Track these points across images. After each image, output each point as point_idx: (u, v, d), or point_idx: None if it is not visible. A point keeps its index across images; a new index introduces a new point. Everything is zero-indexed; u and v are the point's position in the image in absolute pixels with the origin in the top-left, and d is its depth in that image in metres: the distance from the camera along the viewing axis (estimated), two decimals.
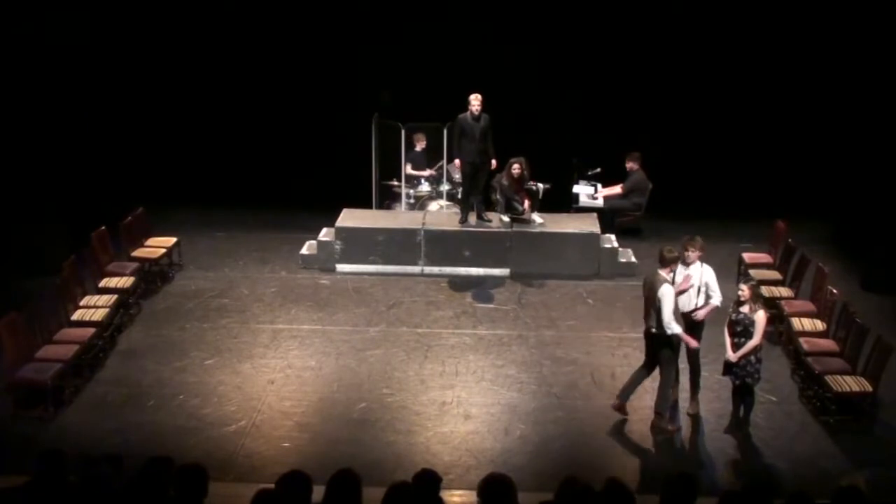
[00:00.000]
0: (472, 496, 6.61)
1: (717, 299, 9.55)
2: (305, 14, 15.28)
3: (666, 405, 9.39)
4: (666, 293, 9.02)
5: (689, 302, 9.54)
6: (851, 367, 9.70)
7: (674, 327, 9.08)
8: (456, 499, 8.11)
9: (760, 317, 9.06)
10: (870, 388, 9.36)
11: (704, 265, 9.63)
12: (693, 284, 9.50)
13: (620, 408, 9.48)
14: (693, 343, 9.40)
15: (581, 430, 9.46)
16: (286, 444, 9.16)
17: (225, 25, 15.29)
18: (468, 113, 12.52)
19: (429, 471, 5.86)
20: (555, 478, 6.39)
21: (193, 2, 15.22)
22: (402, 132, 14.08)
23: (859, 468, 8.75)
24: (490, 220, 13.22)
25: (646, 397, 9.57)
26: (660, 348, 9.25)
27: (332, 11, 15.26)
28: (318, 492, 5.53)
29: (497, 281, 12.99)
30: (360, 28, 15.27)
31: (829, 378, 9.48)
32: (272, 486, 5.56)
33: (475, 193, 13.17)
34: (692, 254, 9.53)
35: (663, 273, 9.19)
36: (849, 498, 5.88)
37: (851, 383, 9.42)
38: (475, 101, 12.45)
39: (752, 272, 12.17)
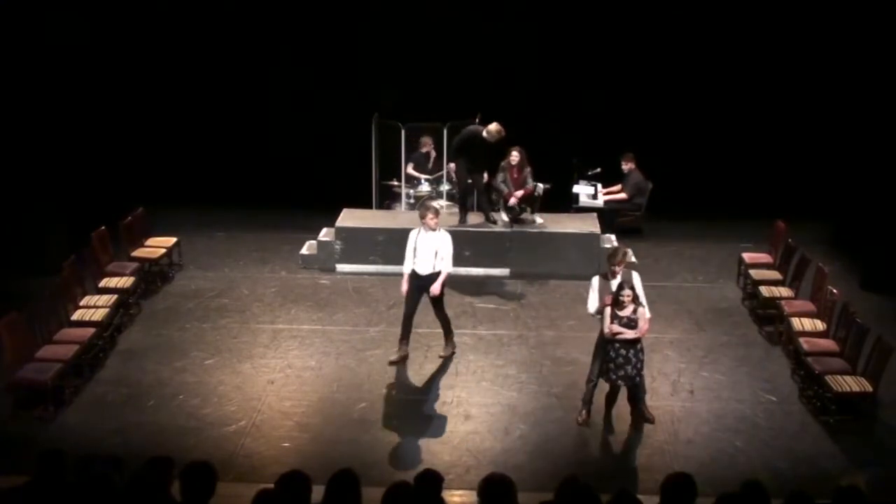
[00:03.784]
0: (472, 496, 6.62)
1: (447, 266, 10.44)
2: (305, 14, 15.27)
3: (585, 395, 9.60)
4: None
5: (426, 265, 10.33)
6: (851, 367, 9.70)
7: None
8: (456, 499, 8.12)
9: (642, 312, 9.12)
10: (870, 388, 9.36)
11: (443, 231, 10.46)
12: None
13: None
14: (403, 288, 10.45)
15: (581, 430, 9.46)
16: (286, 444, 9.16)
17: (225, 25, 15.27)
18: (483, 134, 12.45)
19: (431, 471, 5.86)
20: (555, 478, 6.40)
21: (193, 2, 15.20)
22: (403, 132, 14.08)
23: (859, 468, 8.77)
24: (496, 222, 13.24)
25: (653, 398, 9.57)
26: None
27: (333, 11, 15.24)
28: (318, 492, 5.54)
29: (497, 281, 12.99)
30: (360, 28, 15.26)
31: (829, 378, 9.48)
32: (272, 486, 5.56)
33: (478, 195, 13.20)
34: (430, 219, 10.32)
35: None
36: (849, 498, 5.88)
37: (851, 383, 9.42)
38: (497, 134, 12.37)
39: (751, 272, 12.20)
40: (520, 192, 13.10)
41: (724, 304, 12.39)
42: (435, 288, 10.42)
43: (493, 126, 12.44)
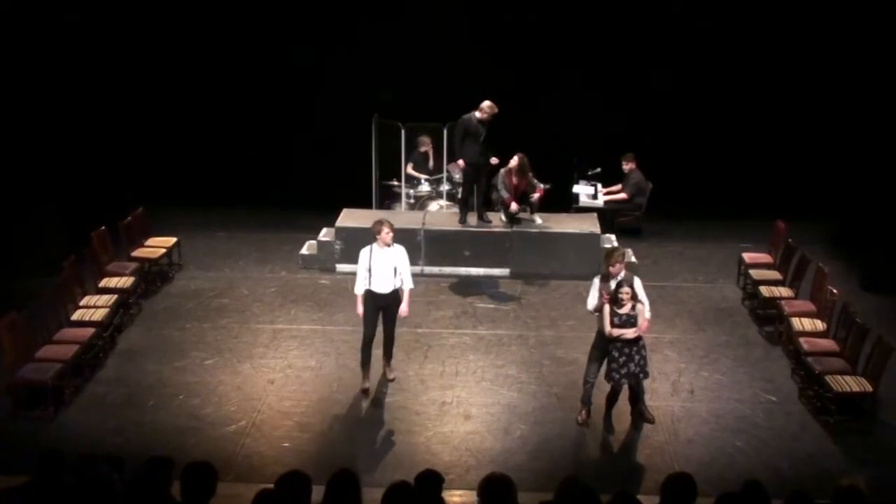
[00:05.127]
0: (472, 496, 6.61)
1: (410, 283, 10.06)
2: (305, 14, 15.27)
3: (584, 396, 9.56)
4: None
5: (387, 283, 9.86)
6: (851, 367, 9.70)
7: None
8: (456, 499, 8.12)
9: (641, 309, 9.13)
10: (870, 388, 9.36)
11: (397, 245, 9.95)
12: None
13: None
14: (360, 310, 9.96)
15: (581, 430, 9.46)
16: (286, 444, 9.16)
17: (224, 25, 15.27)
18: (475, 115, 12.52)
19: (431, 471, 5.86)
20: (555, 478, 6.40)
21: (193, 2, 15.20)
22: (402, 132, 14.08)
23: (859, 468, 8.77)
24: (490, 221, 13.24)
25: (653, 398, 9.57)
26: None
27: (332, 11, 15.24)
28: (318, 492, 5.54)
29: (497, 281, 13.00)
30: (360, 28, 15.26)
31: (829, 378, 9.48)
32: (272, 486, 5.56)
33: (476, 194, 13.19)
34: (386, 234, 9.84)
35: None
36: (849, 498, 5.88)
37: (851, 383, 9.42)
38: (490, 110, 12.44)
39: (751, 272, 12.20)
40: (536, 195, 13.12)
41: (724, 304, 12.39)
42: (405, 309, 10.11)
43: (485, 103, 12.51)
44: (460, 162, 12.93)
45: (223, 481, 5.84)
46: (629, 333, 9.03)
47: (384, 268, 9.85)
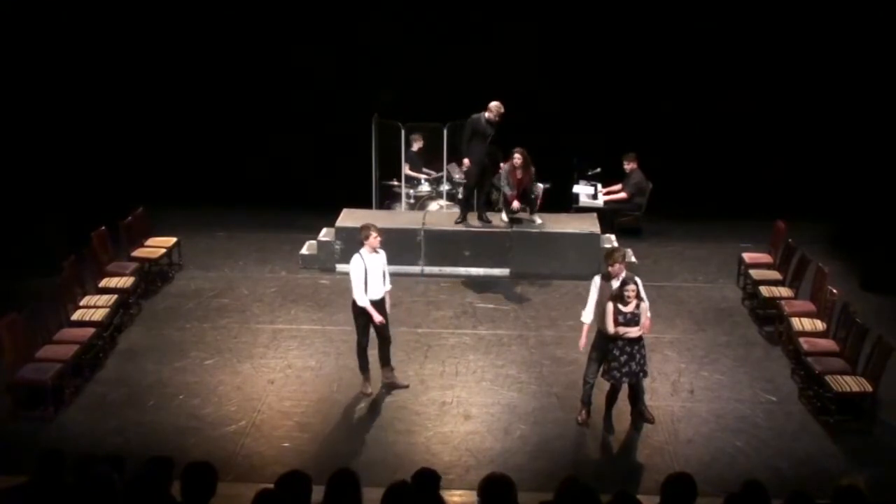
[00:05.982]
0: (472, 496, 6.61)
1: (389, 284, 10.01)
2: (306, 14, 15.27)
3: (583, 396, 9.57)
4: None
5: (380, 289, 9.85)
6: (851, 367, 9.70)
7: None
8: (456, 499, 8.12)
9: (644, 307, 9.13)
10: (870, 388, 9.36)
11: (382, 251, 9.87)
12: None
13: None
14: (378, 318, 9.79)
15: (581, 430, 9.46)
16: (286, 444, 9.17)
17: (225, 25, 15.27)
18: (484, 116, 12.52)
19: (427, 469, 5.87)
20: (555, 478, 6.40)
21: (193, 2, 15.21)
22: (402, 132, 14.09)
23: (859, 468, 8.77)
24: (490, 221, 13.24)
25: (653, 398, 9.57)
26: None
27: (333, 11, 15.25)
28: (318, 492, 5.54)
29: (497, 281, 13.00)
30: (361, 28, 15.26)
31: (829, 378, 9.48)
32: (272, 486, 5.56)
33: (479, 195, 13.19)
34: (374, 238, 9.73)
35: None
36: (849, 498, 5.88)
37: (851, 383, 9.42)
38: (497, 110, 12.46)
39: (751, 272, 12.20)
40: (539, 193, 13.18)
41: (724, 304, 12.40)
42: (388, 307, 10.04)
43: (493, 104, 12.52)
44: (465, 161, 12.89)
45: (223, 481, 5.83)
46: (633, 332, 9.03)
47: (376, 273, 9.82)
